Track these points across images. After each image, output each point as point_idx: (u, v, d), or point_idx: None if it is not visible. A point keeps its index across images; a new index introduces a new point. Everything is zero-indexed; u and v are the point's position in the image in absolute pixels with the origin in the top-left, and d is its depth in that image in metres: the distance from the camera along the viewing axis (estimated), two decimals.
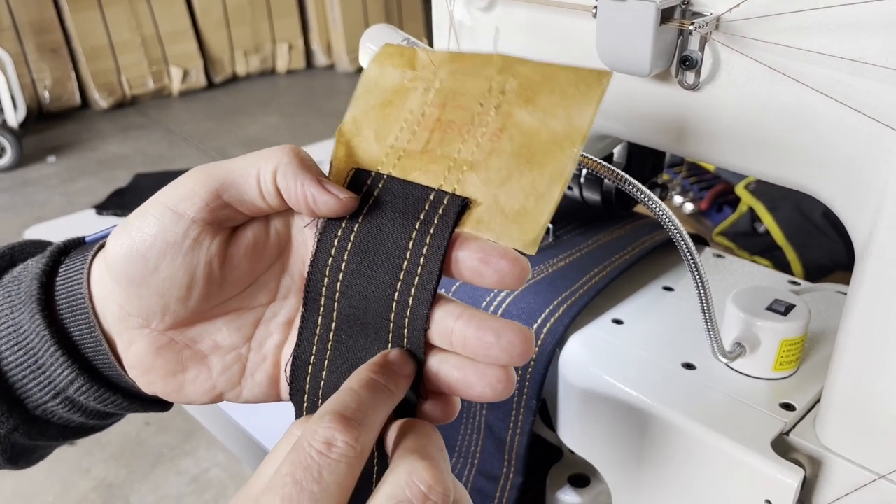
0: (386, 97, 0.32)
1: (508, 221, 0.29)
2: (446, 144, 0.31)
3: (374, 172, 0.32)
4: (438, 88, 0.32)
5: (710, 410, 0.42)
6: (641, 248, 0.55)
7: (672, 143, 0.43)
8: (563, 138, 0.28)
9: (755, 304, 0.44)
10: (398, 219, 0.30)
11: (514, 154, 0.29)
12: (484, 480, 0.51)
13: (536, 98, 0.29)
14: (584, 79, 0.29)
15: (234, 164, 0.31)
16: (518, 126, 0.29)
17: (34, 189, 2.63)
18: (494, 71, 0.31)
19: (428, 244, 0.29)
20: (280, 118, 3.24)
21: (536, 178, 0.28)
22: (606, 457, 0.47)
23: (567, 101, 0.29)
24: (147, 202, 0.32)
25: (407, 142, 0.31)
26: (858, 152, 0.35)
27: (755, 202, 1.08)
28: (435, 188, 0.30)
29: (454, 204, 0.30)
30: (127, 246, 0.31)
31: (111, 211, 1.04)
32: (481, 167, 0.30)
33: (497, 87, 0.30)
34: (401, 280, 0.30)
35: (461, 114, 0.31)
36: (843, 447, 0.39)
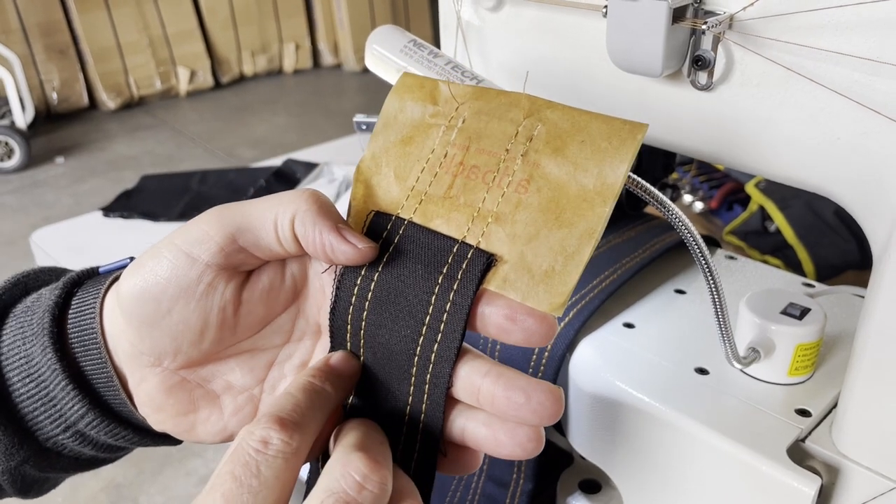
0: (406, 133, 0.31)
1: (535, 282, 0.27)
2: (469, 192, 0.29)
3: (394, 217, 0.30)
4: (461, 128, 0.30)
5: (724, 416, 0.41)
6: (653, 250, 0.54)
7: (684, 145, 0.43)
8: (593, 195, 0.27)
9: (769, 307, 0.43)
10: (420, 270, 0.29)
11: (542, 209, 0.28)
12: (494, 486, 0.50)
13: (566, 148, 0.28)
14: (617, 132, 0.27)
15: (250, 208, 0.31)
16: (546, 178, 0.28)
17: (43, 190, 2.63)
18: (521, 114, 0.29)
19: (452, 301, 0.28)
20: (287, 118, 3.24)
21: (565, 237, 0.27)
22: (618, 463, 0.46)
23: (599, 156, 0.27)
24: (161, 242, 0.31)
25: (429, 185, 0.30)
26: (876, 154, 0.34)
27: (766, 201, 1.07)
28: (458, 240, 0.29)
29: (479, 260, 0.28)
30: (140, 287, 0.31)
31: (118, 213, 1.04)
32: (507, 221, 0.28)
33: (524, 133, 0.29)
34: (423, 335, 0.29)
35: (485, 159, 0.29)
36: (860, 454, 0.38)
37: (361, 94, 3.55)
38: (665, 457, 0.43)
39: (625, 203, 0.58)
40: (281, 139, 2.99)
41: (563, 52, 0.45)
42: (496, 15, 0.47)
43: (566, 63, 0.45)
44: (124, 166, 2.77)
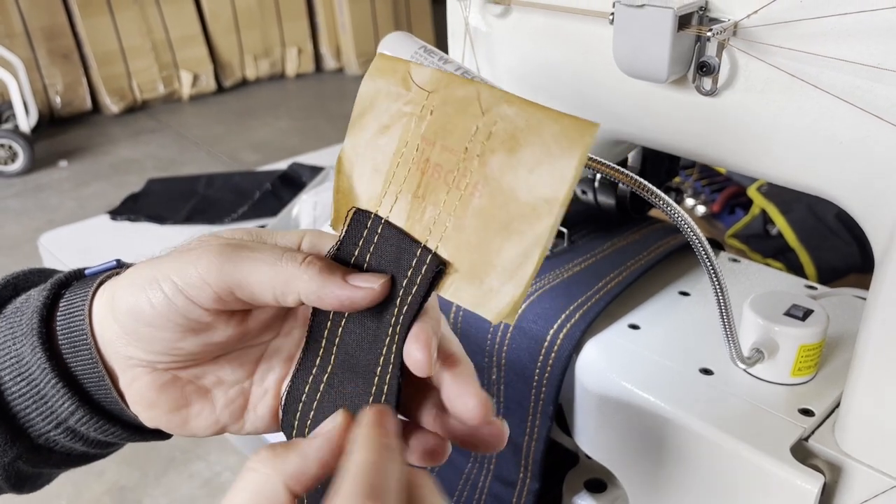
0: (382, 121, 0.31)
1: (483, 292, 0.28)
2: (433, 192, 0.30)
3: (373, 215, 0.31)
4: (430, 120, 0.30)
5: (728, 416, 0.42)
6: (657, 252, 0.55)
7: (690, 149, 0.43)
8: (541, 202, 0.27)
9: (773, 309, 0.44)
10: (391, 271, 0.30)
11: (493, 216, 0.28)
12: (500, 486, 0.51)
13: (519, 149, 0.27)
14: (567, 132, 0.26)
15: (251, 270, 0.30)
16: (499, 182, 0.28)
17: (46, 194, 2.64)
18: (481, 108, 0.29)
19: (408, 304, 0.30)
20: (290, 122, 3.25)
21: (513, 249, 0.27)
22: (623, 462, 0.47)
23: (549, 158, 0.27)
24: (158, 271, 0.31)
25: (402, 181, 0.31)
26: (878, 158, 0.35)
27: (768, 204, 1.08)
28: (421, 243, 0.30)
29: (432, 266, 0.29)
30: (137, 309, 0.31)
31: (125, 216, 1.05)
32: (461, 227, 0.29)
33: (483, 130, 0.29)
34: (388, 335, 0.30)
35: (447, 157, 0.29)
36: (863, 453, 0.39)
37: None
38: (670, 456, 0.43)
39: (629, 206, 0.59)
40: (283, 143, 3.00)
41: (569, 58, 0.46)
42: (504, 21, 0.48)
43: (573, 69, 0.46)
44: (127, 170, 2.77)
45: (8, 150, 2.70)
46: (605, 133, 0.48)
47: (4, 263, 2.21)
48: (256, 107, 3.44)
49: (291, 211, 0.88)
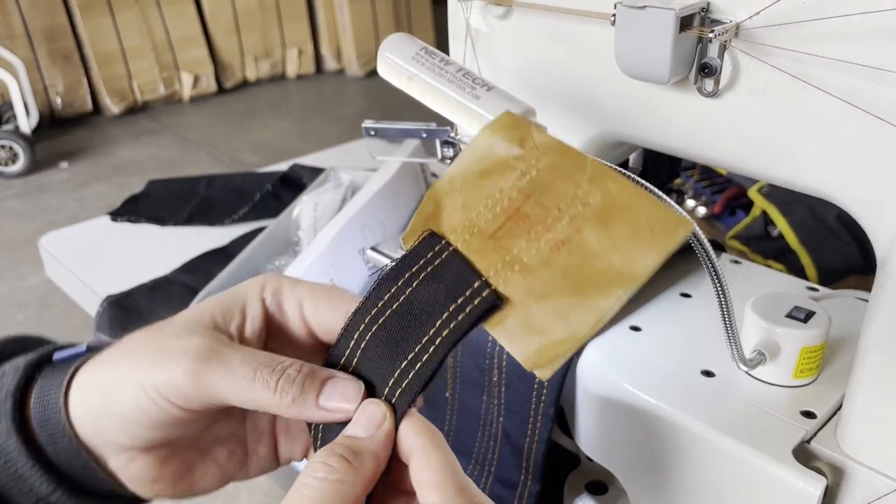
0: (486, 167, 0.32)
1: (529, 340, 0.29)
2: (511, 237, 0.31)
3: (443, 241, 0.32)
4: (533, 177, 0.31)
5: (730, 418, 0.42)
6: None
7: (691, 150, 0.43)
8: (616, 276, 0.27)
9: (775, 310, 0.44)
10: (441, 294, 0.31)
11: (565, 273, 0.29)
12: (501, 488, 0.51)
13: (611, 223, 0.28)
14: (661, 222, 0.27)
15: (226, 391, 0.31)
16: (581, 245, 0.29)
17: (47, 195, 2.64)
18: (585, 178, 0.30)
19: (451, 328, 0.30)
20: (290, 123, 3.25)
21: (574, 309, 0.28)
22: (625, 464, 0.46)
23: (638, 240, 0.27)
24: (141, 376, 0.31)
25: (484, 221, 0.32)
26: (881, 160, 0.35)
27: (768, 205, 1.08)
28: (482, 276, 0.30)
29: (488, 300, 0.30)
30: (128, 417, 0.32)
31: (125, 217, 1.05)
32: (530, 274, 0.29)
33: (581, 197, 0.29)
34: (416, 348, 0.31)
35: (538, 211, 0.30)
36: (865, 455, 0.39)
37: (364, 100, 3.56)
38: (671, 458, 0.43)
39: None
40: (284, 144, 3.00)
41: (571, 60, 0.46)
42: (505, 23, 0.48)
43: (574, 70, 0.46)
44: (128, 171, 2.78)
45: (8, 151, 2.70)
46: (606, 135, 0.47)
47: (5, 264, 2.21)
48: (257, 108, 3.44)
49: (292, 212, 0.88)
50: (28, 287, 2.11)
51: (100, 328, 0.80)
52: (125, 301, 0.84)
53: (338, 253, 0.72)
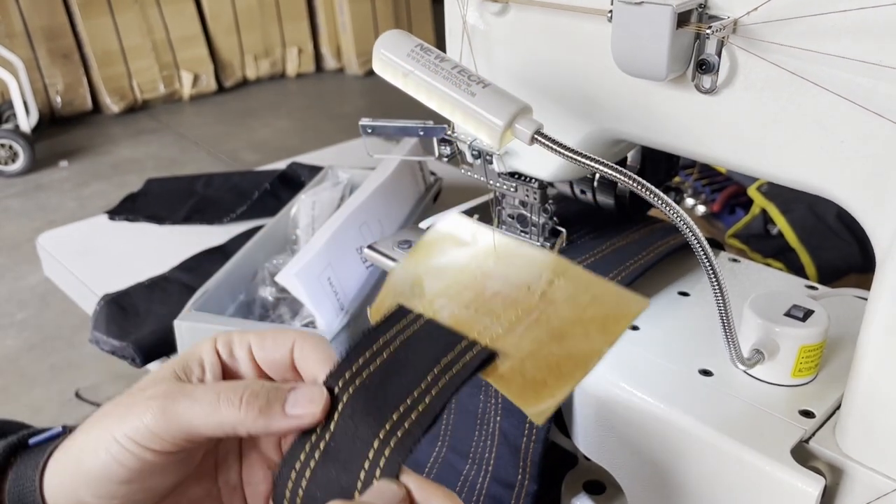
0: (445, 254, 0.37)
1: (526, 387, 0.31)
2: (488, 308, 0.34)
3: (415, 313, 0.35)
4: (494, 264, 0.36)
5: (728, 418, 0.41)
6: (656, 252, 0.55)
7: (689, 148, 0.43)
8: (596, 336, 0.31)
9: (773, 309, 0.43)
10: (429, 353, 0.33)
11: (548, 333, 0.32)
12: (499, 487, 0.51)
13: (579, 297, 0.33)
14: (625, 299, 0.32)
15: (194, 420, 0.32)
16: (557, 313, 0.33)
17: (47, 194, 2.64)
18: (549, 267, 0.34)
19: (441, 384, 0.31)
20: (290, 122, 3.25)
21: (563, 360, 0.31)
22: (622, 464, 0.46)
23: (606, 310, 0.32)
24: (115, 431, 0.32)
25: (454, 296, 0.35)
26: (880, 157, 0.34)
27: (768, 204, 1.08)
28: (469, 337, 0.33)
29: (482, 353, 0.32)
30: (109, 474, 0.33)
31: (123, 216, 1.04)
32: (514, 336, 0.33)
33: (546, 279, 0.34)
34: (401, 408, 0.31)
35: (509, 289, 0.34)
36: (864, 455, 0.38)
37: (364, 98, 3.56)
38: (669, 457, 0.43)
39: (628, 206, 0.58)
40: (284, 143, 2.99)
41: (568, 57, 0.45)
42: (502, 19, 0.48)
43: (571, 67, 0.45)
44: (128, 170, 2.77)
45: (8, 150, 2.69)
46: (604, 132, 0.47)
47: (5, 263, 2.21)
48: (257, 107, 3.44)
49: (290, 210, 0.87)
50: (27, 286, 2.11)
51: (97, 327, 0.79)
52: (123, 300, 0.83)
53: (335, 251, 0.72)
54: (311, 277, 0.69)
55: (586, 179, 0.58)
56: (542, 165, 0.51)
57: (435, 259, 0.37)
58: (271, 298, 0.77)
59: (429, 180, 0.96)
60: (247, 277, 0.80)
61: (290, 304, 0.76)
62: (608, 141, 0.49)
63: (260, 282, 0.79)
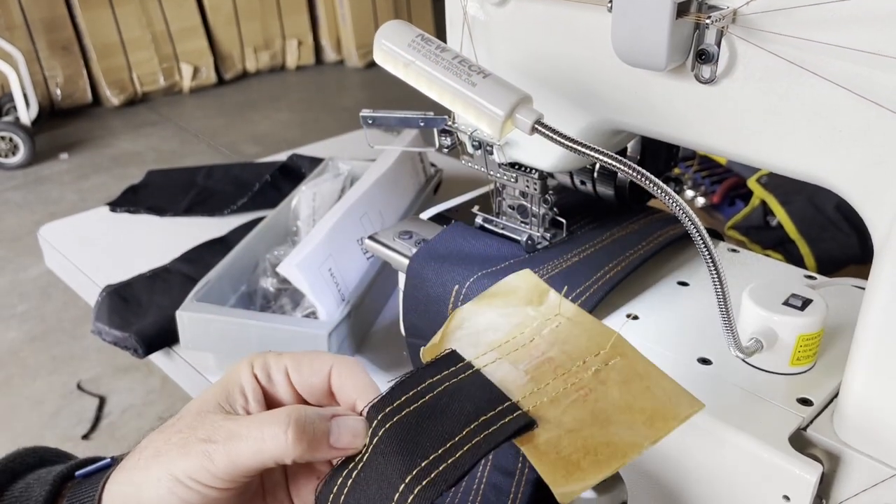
0: (510, 309, 0.36)
1: (559, 464, 0.31)
2: (539, 374, 0.33)
3: (464, 361, 0.35)
4: (554, 328, 0.35)
5: (727, 406, 0.42)
6: (656, 242, 0.55)
7: (688, 138, 0.43)
8: (641, 428, 0.31)
9: (772, 298, 0.44)
10: (468, 407, 0.33)
11: (593, 415, 0.32)
12: (499, 475, 0.51)
13: (632, 384, 0.32)
14: (679, 397, 0.32)
15: (248, 460, 0.33)
16: (607, 396, 0.32)
17: (47, 186, 2.64)
18: (607, 343, 0.34)
19: (477, 440, 0.31)
20: (290, 114, 3.24)
21: (602, 446, 0.31)
22: None
23: (657, 404, 0.31)
24: (174, 468, 0.33)
25: (508, 352, 0.35)
26: (878, 146, 0.34)
27: (767, 195, 1.08)
28: (512, 400, 0.33)
29: (522, 419, 0.32)
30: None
31: (125, 208, 1.04)
32: (559, 408, 0.32)
33: (603, 357, 0.33)
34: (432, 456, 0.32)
35: (563, 359, 0.34)
36: (861, 442, 0.39)
37: (364, 91, 3.55)
38: (669, 446, 0.43)
39: (628, 197, 0.58)
40: (284, 135, 2.99)
41: (568, 47, 0.45)
42: (502, 10, 0.48)
43: (571, 58, 0.46)
44: (128, 162, 2.77)
45: (9, 143, 2.69)
46: (604, 123, 0.47)
47: (6, 256, 2.21)
48: (257, 99, 3.43)
49: (291, 202, 0.88)
50: (29, 278, 2.11)
51: (99, 318, 0.80)
52: (124, 291, 0.84)
53: (336, 242, 0.72)
54: (312, 268, 0.69)
55: (586, 170, 0.59)
56: (543, 156, 0.51)
57: (499, 311, 0.37)
58: (272, 289, 0.77)
59: (429, 172, 0.96)
60: (248, 269, 0.80)
61: (291, 296, 0.76)
62: (608, 131, 0.49)
63: (261, 273, 0.79)
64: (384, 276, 0.77)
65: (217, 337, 0.69)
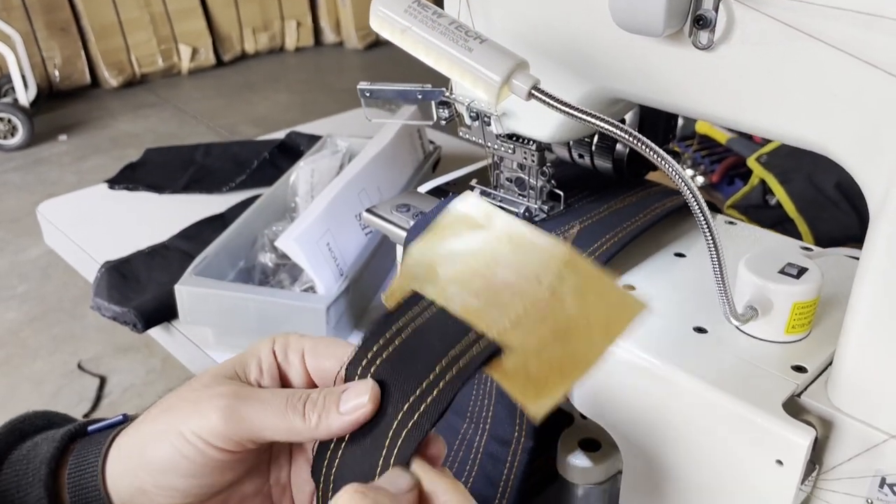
0: (458, 238, 0.37)
1: (528, 385, 0.32)
2: (498, 299, 0.34)
3: (427, 301, 0.35)
4: (508, 252, 0.36)
5: (722, 373, 0.42)
6: (653, 214, 0.55)
7: (686, 105, 0.43)
8: (598, 335, 0.33)
9: (768, 267, 0.44)
10: (435, 344, 0.34)
11: (553, 332, 0.33)
12: (496, 444, 0.51)
13: (586, 296, 0.33)
14: (625, 301, 0.33)
15: (263, 426, 0.34)
16: (565, 311, 0.33)
17: (46, 167, 2.64)
18: (561, 260, 0.34)
19: (450, 376, 0.32)
20: (289, 96, 3.23)
21: (565, 359, 0.32)
22: (617, 420, 0.47)
23: (609, 310, 0.33)
24: (182, 425, 0.34)
25: (466, 283, 0.35)
26: (874, 109, 0.34)
27: (767, 175, 1.08)
28: (476, 331, 0.34)
29: (489, 347, 0.33)
30: (173, 467, 0.34)
31: (123, 185, 1.04)
32: (521, 332, 0.33)
33: (557, 272, 0.34)
34: (413, 398, 0.33)
35: (519, 279, 0.34)
36: (854, 408, 0.39)
37: (363, 72, 3.54)
38: (663, 412, 0.43)
39: (626, 170, 0.58)
40: (283, 117, 2.98)
41: (565, 14, 0.45)
42: None
43: (569, 25, 0.45)
44: (127, 144, 2.77)
45: (7, 124, 2.69)
46: (602, 91, 0.47)
47: (5, 237, 2.21)
48: (256, 81, 3.42)
49: (289, 178, 0.88)
50: (28, 259, 2.12)
51: (98, 293, 0.80)
52: (123, 267, 0.84)
53: (334, 216, 0.72)
54: (310, 242, 0.69)
55: (584, 144, 0.58)
56: (540, 126, 0.51)
57: (449, 242, 0.37)
58: (271, 265, 0.77)
59: (428, 148, 0.96)
60: (246, 244, 0.80)
61: (289, 271, 0.77)
62: (606, 100, 0.49)
63: (259, 248, 0.79)
64: (383, 252, 0.77)
65: (215, 311, 0.69)
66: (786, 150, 1.06)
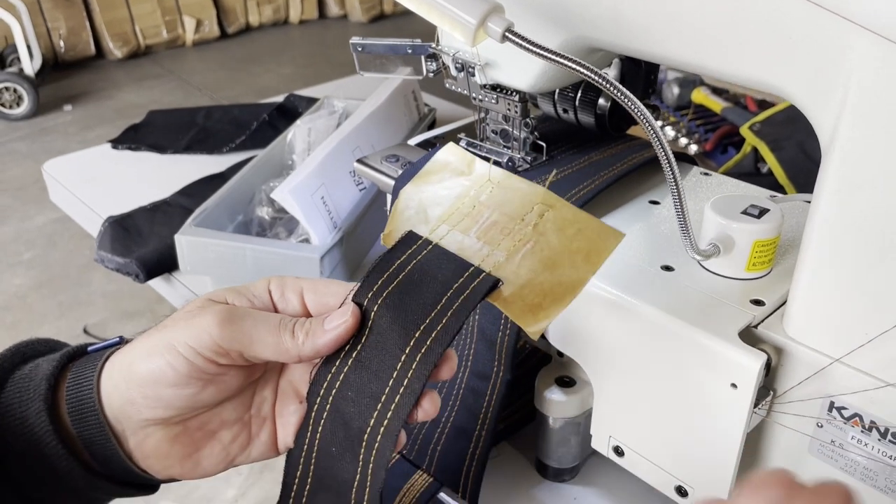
0: (444, 183, 0.41)
1: (526, 309, 0.36)
2: (488, 237, 0.38)
3: (423, 238, 0.39)
4: (490, 194, 0.40)
5: (685, 305, 0.44)
6: (630, 163, 0.57)
7: (658, 52, 0.45)
8: (582, 265, 0.37)
9: (731, 208, 0.46)
10: (438, 281, 0.37)
11: (541, 262, 0.37)
12: (477, 380, 0.54)
13: (566, 230, 0.38)
14: (605, 232, 0.37)
15: (254, 340, 0.36)
16: (548, 244, 0.38)
17: (52, 137, 2.67)
18: (538, 199, 0.39)
19: (457, 305, 0.36)
20: (293, 68, 3.24)
21: (555, 286, 0.36)
22: (589, 354, 0.49)
23: (588, 242, 0.37)
24: (172, 338, 0.36)
25: (457, 223, 0.39)
26: (823, 49, 0.36)
27: (759, 142, 1.09)
28: (474, 265, 0.37)
29: (489, 280, 0.36)
30: (158, 377, 0.36)
31: (126, 145, 1.07)
32: (513, 264, 0.37)
33: (537, 212, 0.39)
34: (416, 335, 0.36)
35: (505, 220, 0.39)
36: (805, 336, 0.41)
37: None
38: (631, 343, 0.46)
39: (608, 124, 0.61)
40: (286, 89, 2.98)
41: None
42: None
43: None
44: (132, 115, 2.78)
45: (13, 94, 2.71)
46: (579, 40, 0.49)
47: (12, 205, 2.24)
48: (260, 53, 3.43)
49: (286, 137, 0.90)
50: (35, 227, 2.15)
51: (102, 246, 0.83)
52: (126, 221, 0.87)
53: (329, 171, 0.75)
54: (305, 195, 0.72)
55: (568, 98, 0.61)
56: (521, 75, 0.53)
57: (435, 186, 0.41)
58: (268, 218, 0.80)
59: (423, 110, 0.98)
60: (245, 200, 0.83)
61: (285, 224, 0.79)
62: (583, 49, 0.51)
63: (257, 203, 0.82)
64: (377, 207, 0.80)
65: (214, 260, 0.72)
66: (779, 118, 1.08)
